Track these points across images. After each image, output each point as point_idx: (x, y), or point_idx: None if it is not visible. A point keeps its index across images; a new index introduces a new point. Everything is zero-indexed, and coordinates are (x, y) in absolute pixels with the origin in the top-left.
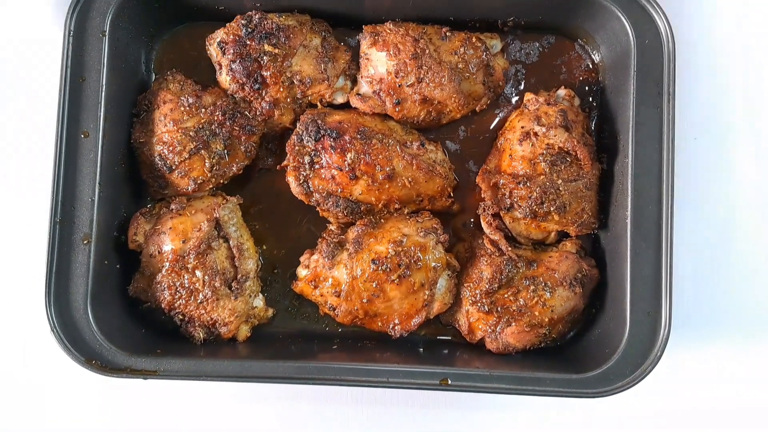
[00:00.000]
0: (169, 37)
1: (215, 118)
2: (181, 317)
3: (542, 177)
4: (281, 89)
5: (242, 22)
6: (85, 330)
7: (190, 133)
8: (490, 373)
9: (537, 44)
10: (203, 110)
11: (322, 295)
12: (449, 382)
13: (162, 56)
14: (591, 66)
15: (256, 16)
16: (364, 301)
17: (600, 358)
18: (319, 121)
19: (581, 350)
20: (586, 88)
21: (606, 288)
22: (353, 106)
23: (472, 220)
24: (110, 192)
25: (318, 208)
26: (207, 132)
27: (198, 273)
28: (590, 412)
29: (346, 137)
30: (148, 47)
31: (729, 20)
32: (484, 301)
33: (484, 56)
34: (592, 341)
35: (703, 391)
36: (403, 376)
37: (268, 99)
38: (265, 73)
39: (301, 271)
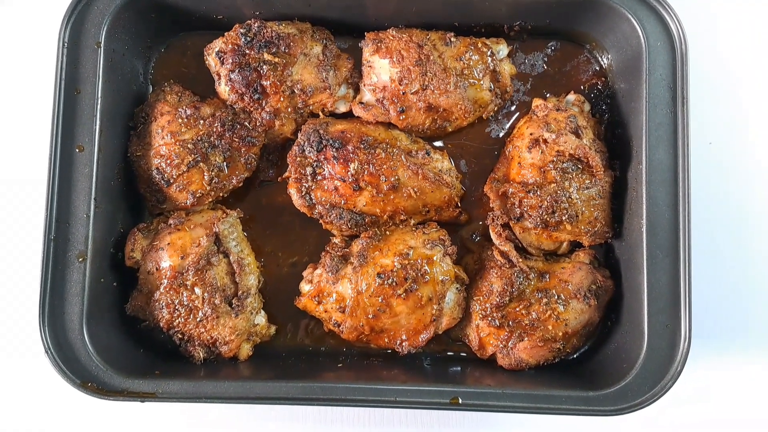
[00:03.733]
0: (166, 48)
1: (214, 129)
2: (180, 336)
3: (553, 185)
4: (282, 99)
5: (241, 31)
6: (81, 351)
7: (189, 146)
8: (502, 390)
9: (544, 49)
10: (202, 122)
11: (326, 311)
12: (460, 401)
13: (159, 67)
14: (600, 70)
15: (255, 25)
16: (370, 316)
17: (617, 373)
18: (321, 131)
19: (597, 365)
20: (592, 94)
21: (622, 300)
22: (356, 115)
23: (480, 223)
24: (106, 207)
25: (321, 221)
26: (206, 144)
27: (197, 290)
28: (608, 431)
29: (349, 147)
30: (144, 58)
31: (742, 21)
32: (494, 315)
33: (490, 62)
34: (609, 356)
35: (726, 405)
36: (411, 396)
37: (268, 109)
38: (264, 83)
39: (304, 287)
